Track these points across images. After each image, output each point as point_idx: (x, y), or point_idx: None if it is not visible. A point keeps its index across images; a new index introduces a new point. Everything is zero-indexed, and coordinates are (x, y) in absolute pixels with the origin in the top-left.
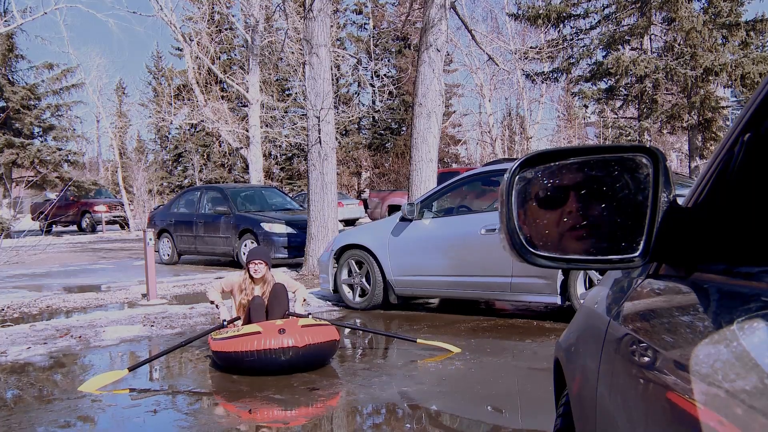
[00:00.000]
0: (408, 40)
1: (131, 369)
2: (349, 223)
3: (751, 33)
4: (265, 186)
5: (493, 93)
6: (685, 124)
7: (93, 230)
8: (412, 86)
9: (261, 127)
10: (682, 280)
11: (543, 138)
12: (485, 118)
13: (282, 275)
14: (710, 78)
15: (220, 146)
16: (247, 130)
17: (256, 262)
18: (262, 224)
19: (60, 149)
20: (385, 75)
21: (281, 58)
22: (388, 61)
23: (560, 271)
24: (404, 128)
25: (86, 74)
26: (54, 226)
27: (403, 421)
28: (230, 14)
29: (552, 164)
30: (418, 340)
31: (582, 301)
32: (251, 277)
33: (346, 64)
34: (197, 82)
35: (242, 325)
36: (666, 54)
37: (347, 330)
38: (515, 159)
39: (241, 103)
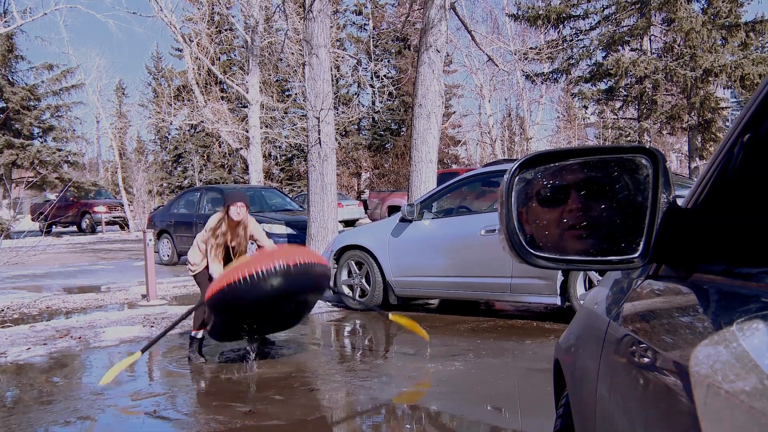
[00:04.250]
0: (408, 41)
1: (144, 350)
2: (349, 223)
3: (751, 34)
4: (264, 187)
5: (492, 94)
6: (684, 125)
7: (93, 231)
8: (412, 87)
9: (261, 128)
10: (681, 280)
11: (543, 139)
12: (485, 119)
13: (257, 225)
14: (710, 79)
15: (220, 147)
16: (247, 131)
17: (239, 204)
18: (261, 225)
19: (60, 150)
20: (384, 76)
21: (281, 59)
22: (388, 61)
23: (560, 271)
24: (404, 129)
25: (86, 75)
26: (54, 226)
27: (403, 422)
28: (230, 15)
29: (552, 165)
30: (390, 316)
31: (582, 302)
32: (230, 218)
33: (345, 65)
34: (197, 83)
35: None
36: (666, 55)
37: (347, 330)
38: (515, 160)
39: (241, 103)
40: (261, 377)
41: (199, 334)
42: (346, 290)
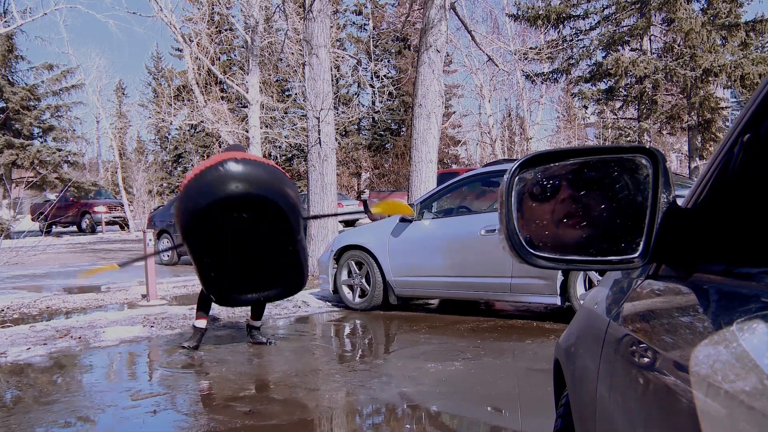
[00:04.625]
0: (408, 41)
1: (122, 265)
2: (349, 223)
3: (751, 34)
4: None
5: (492, 94)
6: (684, 125)
7: (93, 231)
8: (412, 87)
9: (261, 128)
10: (681, 280)
11: (543, 139)
12: (485, 119)
13: None
14: (710, 79)
15: (220, 147)
16: (247, 131)
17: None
18: None
19: (60, 150)
20: (384, 76)
21: (281, 59)
22: (388, 61)
23: (560, 271)
24: (404, 129)
25: (86, 75)
26: (54, 226)
27: (403, 422)
28: (230, 15)
29: (551, 165)
30: (372, 210)
31: (582, 302)
32: None
33: (345, 65)
34: (197, 83)
35: None
36: (665, 55)
37: (347, 330)
38: (515, 160)
39: (241, 103)
40: (261, 377)
41: (203, 324)
42: (346, 290)
